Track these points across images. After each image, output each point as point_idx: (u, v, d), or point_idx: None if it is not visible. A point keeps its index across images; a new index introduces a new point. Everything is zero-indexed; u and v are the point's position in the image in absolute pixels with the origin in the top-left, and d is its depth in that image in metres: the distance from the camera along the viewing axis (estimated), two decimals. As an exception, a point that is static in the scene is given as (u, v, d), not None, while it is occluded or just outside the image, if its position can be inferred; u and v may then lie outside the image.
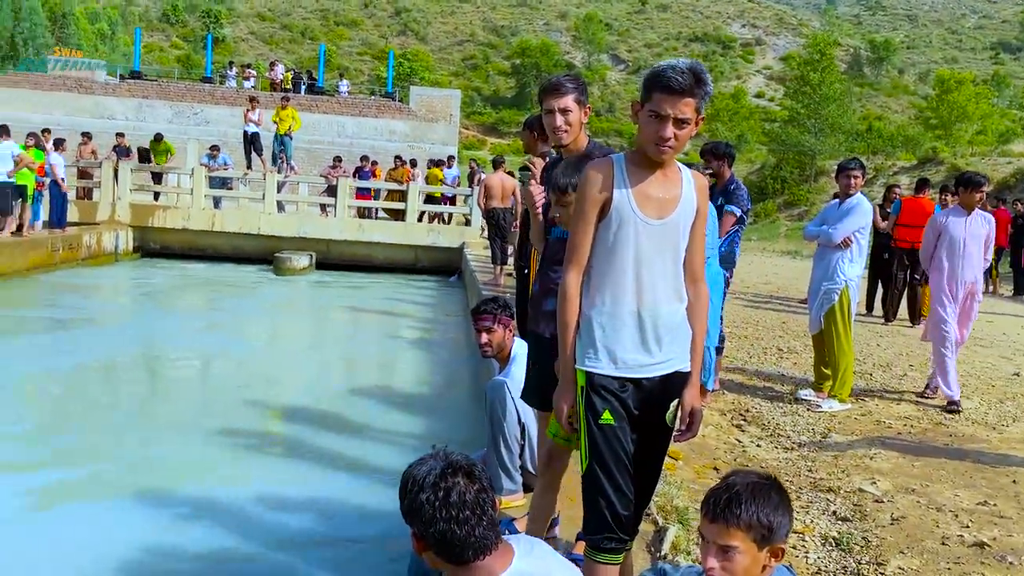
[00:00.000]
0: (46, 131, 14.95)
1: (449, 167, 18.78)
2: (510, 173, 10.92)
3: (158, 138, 17.91)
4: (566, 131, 2.90)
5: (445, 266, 16.56)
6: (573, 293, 2.38)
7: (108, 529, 4.07)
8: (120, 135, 18.16)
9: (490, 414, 3.44)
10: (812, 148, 35.07)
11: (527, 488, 3.49)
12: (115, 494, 4.50)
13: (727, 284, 5.39)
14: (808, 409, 5.40)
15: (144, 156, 18.01)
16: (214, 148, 17.39)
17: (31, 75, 26.38)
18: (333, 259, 16.73)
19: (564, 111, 2.88)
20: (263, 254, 16.24)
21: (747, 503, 1.81)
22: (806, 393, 5.66)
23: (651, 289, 2.31)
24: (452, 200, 17.90)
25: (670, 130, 2.20)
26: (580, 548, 2.48)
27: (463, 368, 8.50)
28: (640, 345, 2.33)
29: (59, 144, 14.55)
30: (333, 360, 8.95)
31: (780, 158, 36.84)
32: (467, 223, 17.24)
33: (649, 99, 2.23)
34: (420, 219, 17.25)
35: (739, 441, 4.64)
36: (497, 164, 10.76)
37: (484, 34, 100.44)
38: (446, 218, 18.08)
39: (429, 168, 18.76)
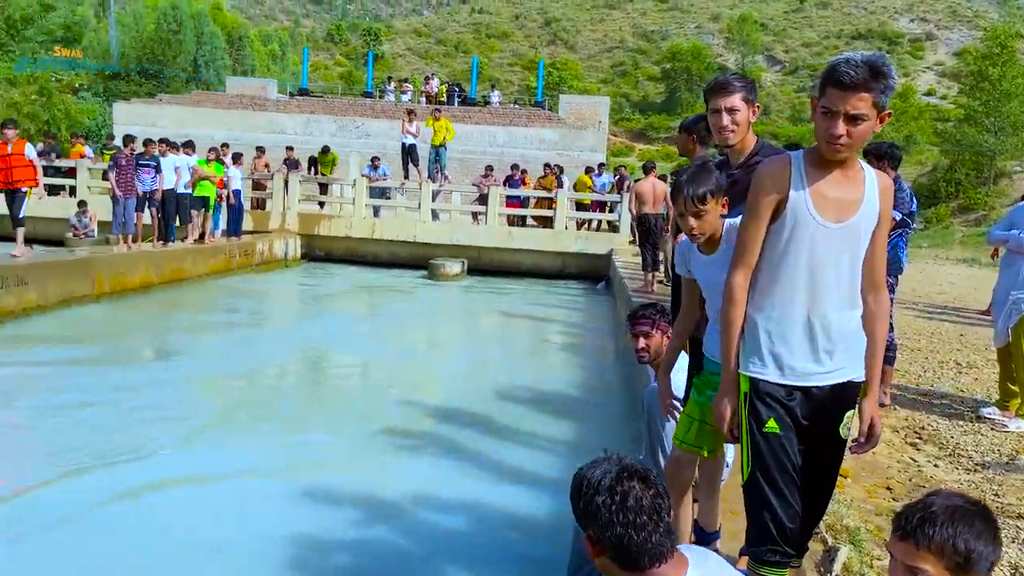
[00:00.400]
0: (225, 146, 16.16)
1: (599, 174, 18.72)
2: (661, 178, 10.75)
3: (325, 150, 18.93)
4: (733, 131, 2.81)
5: (592, 273, 16.53)
6: (739, 296, 2.29)
7: (266, 521, 4.30)
8: (290, 149, 19.34)
9: (648, 422, 3.37)
10: (991, 148, 32.40)
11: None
12: (276, 489, 4.74)
13: (892, 290, 5.05)
14: (992, 428, 4.97)
15: (313, 166, 19.12)
16: (375, 159, 18.18)
17: (212, 94, 28.61)
18: (483, 265, 17.10)
19: (731, 110, 2.79)
20: (417, 260, 16.83)
21: (943, 525, 1.63)
22: (990, 411, 5.22)
23: (824, 295, 2.20)
24: (602, 207, 17.85)
25: (841, 127, 2.09)
26: (743, 563, 2.38)
27: (612, 374, 8.44)
28: (810, 353, 2.22)
29: (236, 158, 15.69)
30: (484, 363, 9.10)
31: (954, 159, 34.29)
32: (615, 229, 17.14)
33: (823, 94, 2.13)
34: (581, 227, 17.38)
35: (914, 460, 4.33)
36: (648, 169, 10.62)
37: (633, 40, 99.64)
38: (594, 225, 18.05)
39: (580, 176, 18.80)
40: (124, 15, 45.11)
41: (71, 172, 17.44)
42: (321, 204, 18.66)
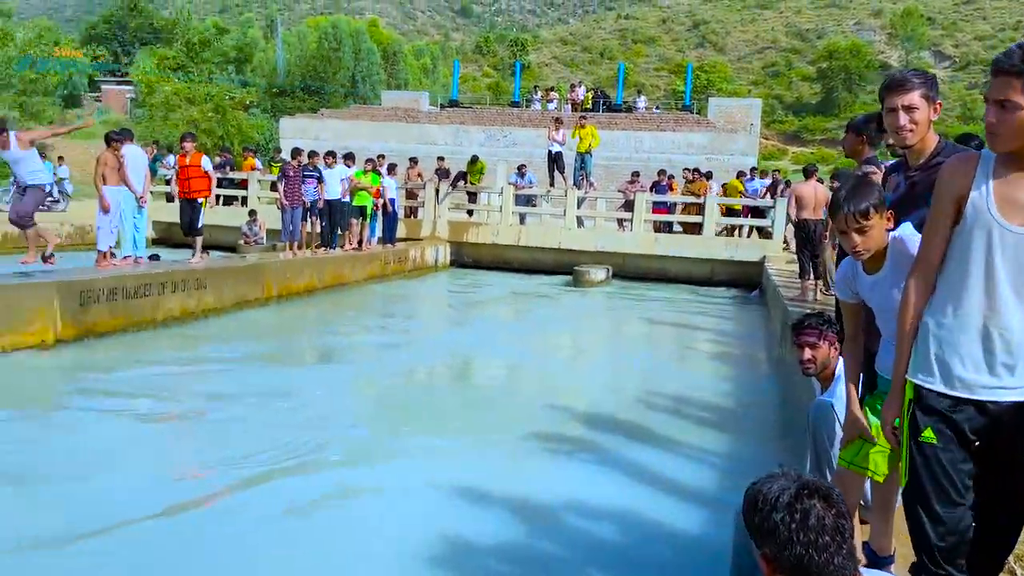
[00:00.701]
0: (381, 157, 16.85)
1: (751, 179, 18.15)
2: (820, 181, 10.28)
3: (474, 159, 19.39)
4: (911, 131, 2.64)
5: (743, 280, 16.02)
6: (913, 299, 2.18)
7: (415, 523, 4.39)
8: (441, 159, 19.93)
9: (813, 437, 3.22)
10: None
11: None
12: (424, 492, 4.83)
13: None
14: None
15: (463, 177, 19.60)
16: (521, 167, 18.44)
17: (369, 108, 29.97)
18: (628, 272, 16.95)
19: (909, 108, 2.62)
20: (562, 267, 16.90)
21: None
22: None
23: (1005, 305, 2.04)
24: (754, 212, 17.28)
25: (992, 113, 1.98)
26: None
27: (765, 386, 8.13)
28: (984, 364, 2.07)
29: (391, 169, 16.33)
30: (630, 370, 9.01)
31: None
32: (768, 236, 16.55)
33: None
34: (731, 233, 16.97)
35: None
36: (810, 173, 10.17)
37: (787, 39, 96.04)
38: (745, 231, 17.51)
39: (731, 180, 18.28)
40: (289, 35, 48.07)
41: (243, 183, 18.74)
42: (469, 212, 19.11)
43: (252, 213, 16.98)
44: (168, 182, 19.67)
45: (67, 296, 8.14)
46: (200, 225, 11.28)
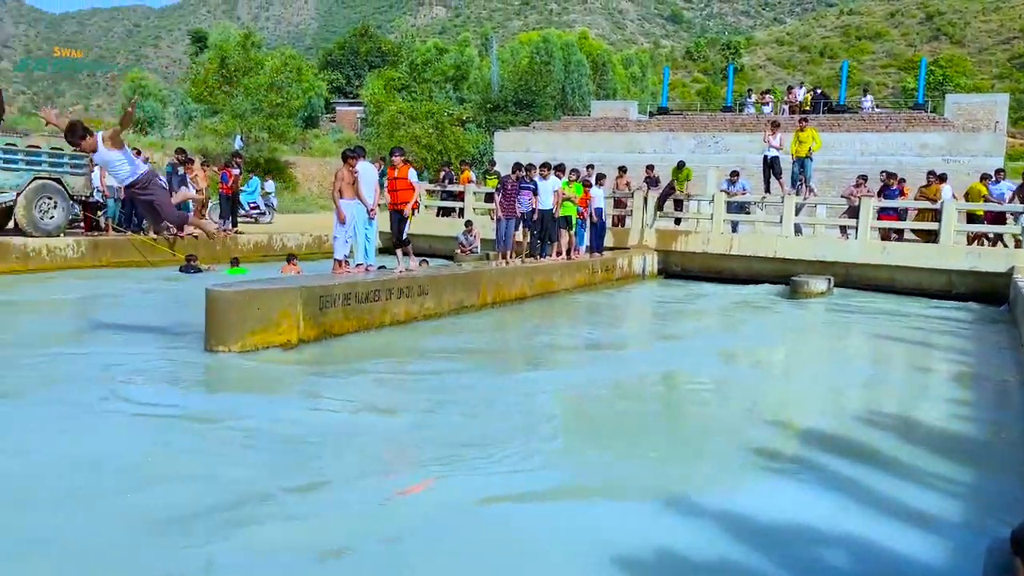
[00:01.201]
0: (589, 167, 17.03)
1: (996, 181, 16.43)
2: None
3: (680, 165, 19.08)
4: None
5: (987, 293, 14.54)
6: None
7: (618, 538, 4.33)
8: (650, 167, 19.80)
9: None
10: None
11: None
12: (624, 507, 4.78)
13: None
14: None
15: (669, 192, 19.33)
16: (734, 174, 17.90)
17: (578, 119, 30.39)
18: (852, 283, 15.94)
19: None
20: (777, 277, 16.20)
21: None
22: None
23: None
24: (1000, 219, 15.63)
25: None
26: None
27: (1014, 415, 7.32)
28: None
29: (600, 179, 16.46)
30: (854, 389, 8.44)
31: None
32: (1018, 244, 14.91)
33: None
34: (972, 241, 15.54)
35: None
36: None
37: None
38: (990, 239, 15.88)
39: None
40: (503, 52, 49.90)
41: (460, 195, 19.69)
42: (677, 221, 18.82)
43: (468, 223, 17.78)
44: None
45: (309, 300, 8.95)
46: (405, 236, 11.74)
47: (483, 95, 41.83)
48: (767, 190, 17.67)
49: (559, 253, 14.95)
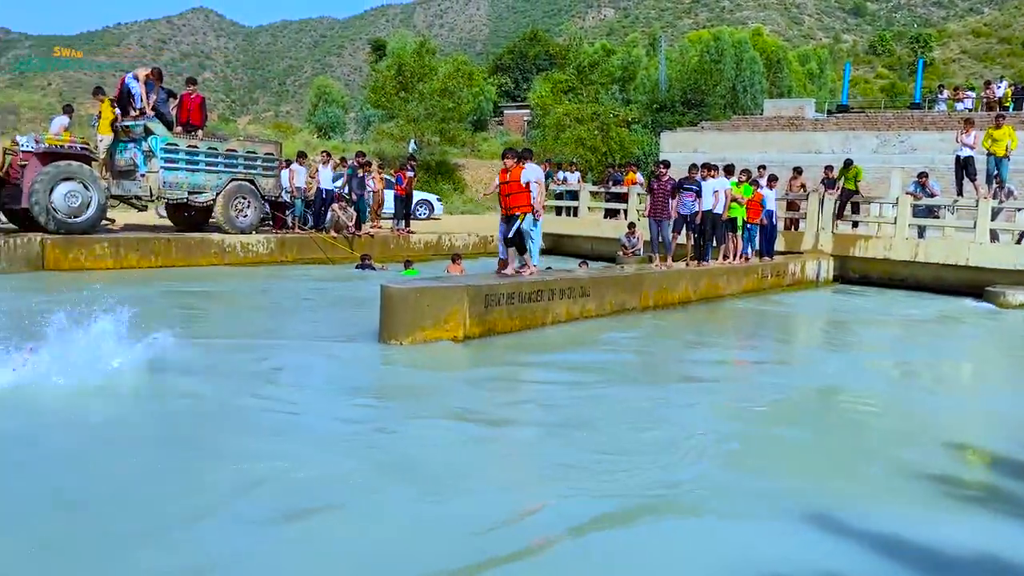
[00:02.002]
0: (761, 167, 16.40)
1: None
2: None
3: (847, 164, 17.97)
4: None
5: None
6: None
7: (771, 551, 4.19)
8: (828, 168, 18.83)
9: None
10: None
11: None
12: (776, 529, 4.54)
13: None
14: None
15: (847, 199, 18.23)
16: (921, 175, 16.69)
17: (749, 118, 29.38)
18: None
19: None
20: (969, 287, 14.95)
21: None
22: None
23: None
24: None
25: None
26: None
27: None
28: None
29: (772, 180, 15.83)
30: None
31: None
32: None
33: None
34: None
35: None
36: None
37: None
38: None
39: None
40: (672, 51, 49.06)
41: (624, 197, 19.56)
42: (855, 224, 17.78)
43: (631, 225, 17.63)
44: (559, 196, 21.30)
45: (475, 299, 9.21)
46: (527, 240, 10.73)
47: (650, 95, 41.33)
48: (959, 192, 16.33)
49: (724, 257, 14.52)
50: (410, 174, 19.06)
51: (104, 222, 14.66)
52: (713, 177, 13.64)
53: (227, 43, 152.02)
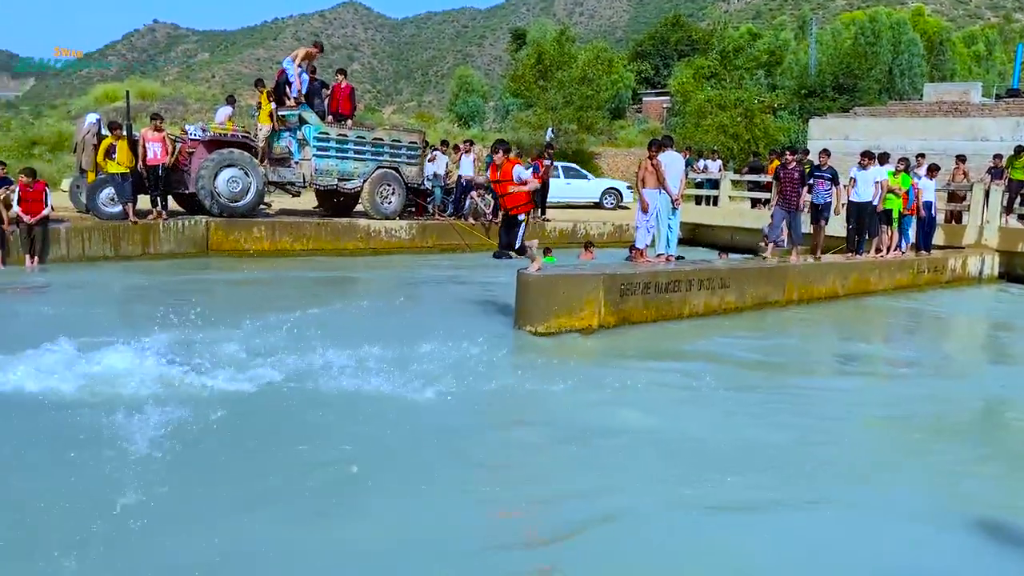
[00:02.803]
0: (920, 156, 15.40)
1: None
2: None
3: (1018, 151, 16.54)
4: None
5: None
6: None
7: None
8: (997, 157, 17.46)
9: None
10: None
11: None
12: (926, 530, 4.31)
13: None
14: None
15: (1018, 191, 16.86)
16: (1106, 164, 15.18)
17: (907, 103, 27.62)
18: None
19: None
20: None
21: None
22: None
23: None
24: None
25: None
26: None
27: None
28: None
29: (932, 170, 14.82)
30: None
31: None
32: None
33: None
34: None
35: None
36: None
37: None
38: None
39: None
40: (823, 34, 46.76)
41: (767, 186, 18.86)
42: (1021, 217, 16.40)
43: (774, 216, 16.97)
44: (699, 185, 20.82)
45: (611, 288, 9.17)
46: (519, 244, 9.56)
47: (798, 81, 39.58)
48: None
49: (877, 250, 13.75)
50: (547, 162, 19.14)
51: (261, 206, 15.58)
52: (872, 166, 12.93)
53: (374, 35, 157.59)
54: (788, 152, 12.86)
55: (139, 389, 5.99)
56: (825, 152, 13.32)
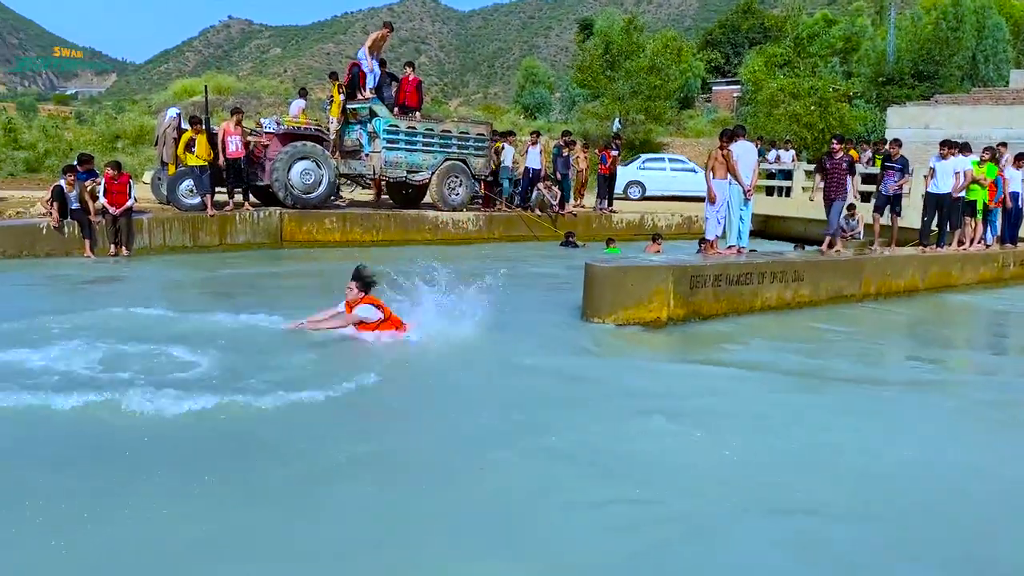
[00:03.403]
0: (1002, 145, 14.78)
1: None
2: None
3: None
4: None
5: None
6: None
7: None
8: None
9: None
10: None
11: None
12: None
13: None
14: None
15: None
16: None
17: (992, 90, 26.52)
18: None
19: None
20: None
21: None
22: None
23: None
24: None
25: None
26: None
27: None
28: None
29: (1019, 159, 14.19)
30: None
31: None
32: None
33: None
34: None
35: None
36: None
37: None
38: None
39: None
40: (902, 19, 45.15)
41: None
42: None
43: (851, 207, 16.49)
44: (771, 175, 20.35)
45: (680, 280, 9.06)
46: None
47: (875, 68, 38.33)
48: None
49: (960, 243, 13.26)
50: (614, 153, 19.00)
51: (335, 199, 15.86)
52: (952, 156, 12.48)
53: (441, 28, 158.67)
54: (835, 141, 12.38)
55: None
56: (896, 142, 12.92)
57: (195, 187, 13.71)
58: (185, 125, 14.01)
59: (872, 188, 17.74)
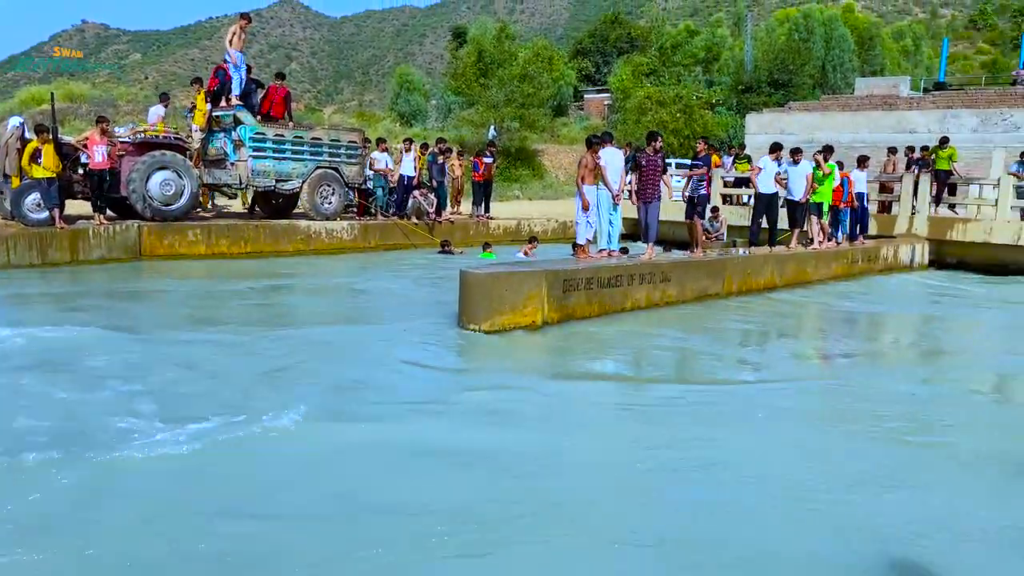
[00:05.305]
0: (828, 149, 15.77)
1: None
2: None
3: (942, 142, 17.15)
4: None
5: None
6: None
7: None
8: (910, 149, 18.07)
9: None
10: None
11: None
12: None
13: None
14: None
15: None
16: (1025, 155, 15.80)
17: (840, 98, 28.35)
18: None
19: None
20: (1080, 273, 14.09)
21: None
22: None
23: None
24: None
25: None
26: None
27: None
28: None
29: (862, 161, 15.21)
30: None
31: None
32: None
33: None
34: None
35: None
36: None
37: None
38: None
39: None
40: (758, 30, 47.66)
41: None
42: (952, 207, 16.98)
43: (715, 210, 17.23)
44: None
45: (554, 284, 9.17)
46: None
47: (734, 76, 40.31)
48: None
49: (809, 241, 14.06)
50: (488, 160, 19.10)
51: (203, 210, 15.19)
52: (801, 160, 13.24)
53: (313, 34, 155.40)
54: (701, 141, 12.69)
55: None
56: (703, 139, 13.30)
57: (42, 200, 12.83)
58: (30, 135, 13.09)
59: (741, 191, 18.64)
